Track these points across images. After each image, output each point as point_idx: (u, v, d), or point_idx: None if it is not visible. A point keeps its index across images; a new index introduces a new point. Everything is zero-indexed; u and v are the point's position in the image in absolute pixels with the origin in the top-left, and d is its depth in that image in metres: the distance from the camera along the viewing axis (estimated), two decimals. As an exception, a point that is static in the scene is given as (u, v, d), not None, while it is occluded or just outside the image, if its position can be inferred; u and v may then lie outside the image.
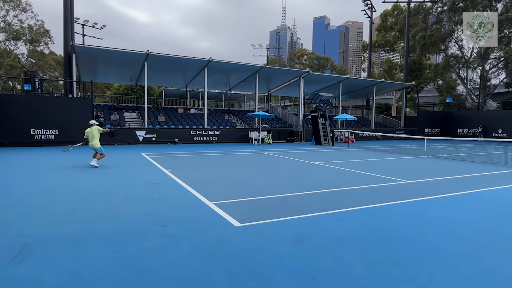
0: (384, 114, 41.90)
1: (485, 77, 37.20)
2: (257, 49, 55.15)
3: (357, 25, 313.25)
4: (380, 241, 4.14)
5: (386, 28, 48.23)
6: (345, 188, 7.43)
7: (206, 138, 22.35)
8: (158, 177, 8.65)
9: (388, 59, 54.11)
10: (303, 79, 26.73)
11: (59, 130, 17.76)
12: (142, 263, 3.42)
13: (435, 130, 32.27)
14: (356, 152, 16.90)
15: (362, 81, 33.75)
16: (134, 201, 6.06)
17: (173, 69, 24.78)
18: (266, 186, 7.63)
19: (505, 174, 9.87)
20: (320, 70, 61.06)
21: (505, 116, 29.16)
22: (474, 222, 5.01)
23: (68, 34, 21.12)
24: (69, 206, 5.61)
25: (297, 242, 4.06)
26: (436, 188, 7.53)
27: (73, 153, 14.58)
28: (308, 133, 25.17)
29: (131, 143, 19.89)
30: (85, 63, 23.09)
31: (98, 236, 4.19)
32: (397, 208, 5.74)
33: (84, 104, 18.49)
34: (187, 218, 5.06)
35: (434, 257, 3.65)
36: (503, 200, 6.55)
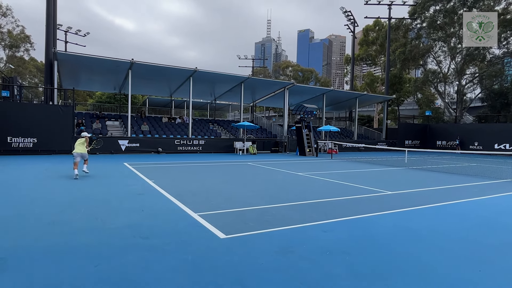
0: (366, 126, 42.80)
1: (461, 92, 38.73)
2: (243, 60, 55.69)
3: (340, 39, 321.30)
4: (364, 253, 4.18)
5: (368, 42, 49.81)
6: (329, 199, 7.50)
7: (191, 147, 22.16)
8: (141, 187, 8.48)
9: (370, 72, 55.67)
10: (288, 90, 27.06)
11: (38, 138, 17.22)
12: (125, 277, 3.32)
13: (415, 142, 33.16)
14: (339, 163, 17.13)
15: (345, 94, 34.46)
16: (116, 212, 5.90)
17: (158, 78, 24.61)
18: (251, 197, 7.60)
19: (482, 186, 10.22)
20: (305, 82, 62.03)
21: (481, 129, 30.32)
22: (453, 233, 5.14)
23: (50, 41, 20.71)
24: (47, 218, 5.41)
25: (283, 254, 4.05)
26: (417, 199, 7.70)
27: (52, 162, 14.14)
28: (293, 144, 25.37)
29: (113, 152, 19.47)
30: (67, 70, 22.63)
31: (77, 249, 4.05)
32: (380, 219, 5.82)
33: (65, 112, 18.06)
34: (171, 230, 4.97)
35: (418, 270, 3.71)
36: (481, 211, 6.76)
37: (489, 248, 4.50)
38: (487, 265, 3.89)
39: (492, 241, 4.78)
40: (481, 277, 3.53)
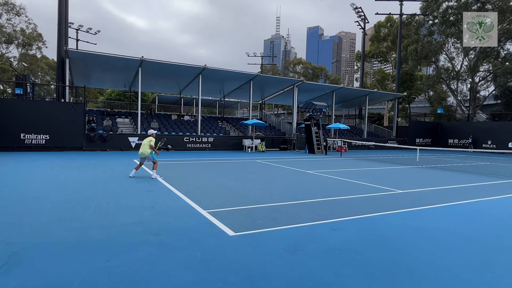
0: (376, 124, 42.31)
1: (474, 89, 37.94)
2: (252, 57, 55.57)
3: (350, 36, 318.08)
4: (374, 252, 4.13)
5: (379, 39, 49.09)
6: (339, 198, 7.43)
7: (200, 145, 22.24)
8: (150, 184, 8.55)
9: (381, 69, 54.97)
10: (297, 88, 26.90)
11: (50, 135, 17.50)
12: (134, 274, 3.34)
13: (426, 140, 32.65)
14: (349, 161, 16.98)
15: (355, 91, 34.10)
16: (125, 209, 5.95)
17: (167, 76, 24.72)
18: (259, 194, 7.58)
19: (496, 185, 9.99)
20: (314, 79, 61.62)
21: (494, 128, 29.68)
22: (466, 233, 5.03)
23: (62, 39, 20.98)
24: (59, 214, 5.49)
25: (292, 252, 4.03)
26: (428, 198, 7.57)
27: (63, 159, 14.36)
28: (302, 142, 25.23)
29: (123, 149, 19.67)
30: (78, 68, 22.92)
31: (88, 245, 4.10)
32: (390, 218, 5.74)
33: (76, 109, 18.30)
34: (181, 227, 4.99)
35: (428, 269, 3.65)
36: (495, 211, 6.61)
37: (503, 249, 4.40)
38: (500, 266, 3.80)
39: (506, 242, 4.67)
40: (494, 279, 3.45)
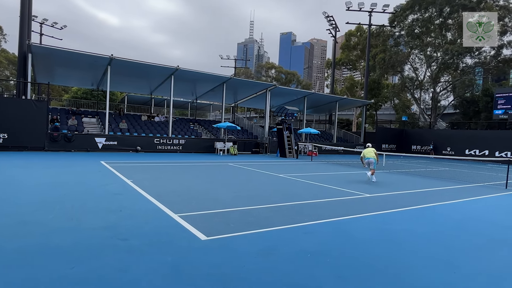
0: (345, 129, 43.57)
1: (436, 99, 40.20)
2: (225, 60, 55.42)
3: (321, 43, 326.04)
4: (345, 255, 4.24)
5: (349, 47, 50.75)
6: (311, 201, 7.56)
7: (170, 147, 21.79)
8: (118, 187, 8.25)
9: (350, 76, 56.75)
10: (269, 92, 27.14)
11: (8, 134, 16.42)
12: (102, 280, 3.20)
13: (391, 146, 34.09)
14: (319, 166, 17.35)
15: (325, 97, 34.96)
16: (92, 212, 5.70)
17: (138, 75, 24.04)
18: (231, 198, 7.55)
19: (456, 189, 10.63)
20: (287, 84, 62.46)
21: (453, 135, 31.63)
22: (429, 236, 5.30)
23: (25, 32, 19.81)
24: (19, 218, 5.16)
25: (265, 256, 4.04)
26: (395, 202, 7.90)
27: (21, 160, 13.54)
28: (273, 145, 25.46)
29: (89, 150, 18.86)
30: (41, 64, 21.72)
31: (51, 251, 3.87)
32: (360, 222, 5.93)
33: (38, 107, 17.33)
34: (150, 231, 4.85)
35: (397, 270, 3.80)
36: (455, 214, 7.02)
37: (463, 250, 4.68)
38: (461, 266, 4.04)
39: (466, 244, 4.97)
40: (455, 279, 3.65)
